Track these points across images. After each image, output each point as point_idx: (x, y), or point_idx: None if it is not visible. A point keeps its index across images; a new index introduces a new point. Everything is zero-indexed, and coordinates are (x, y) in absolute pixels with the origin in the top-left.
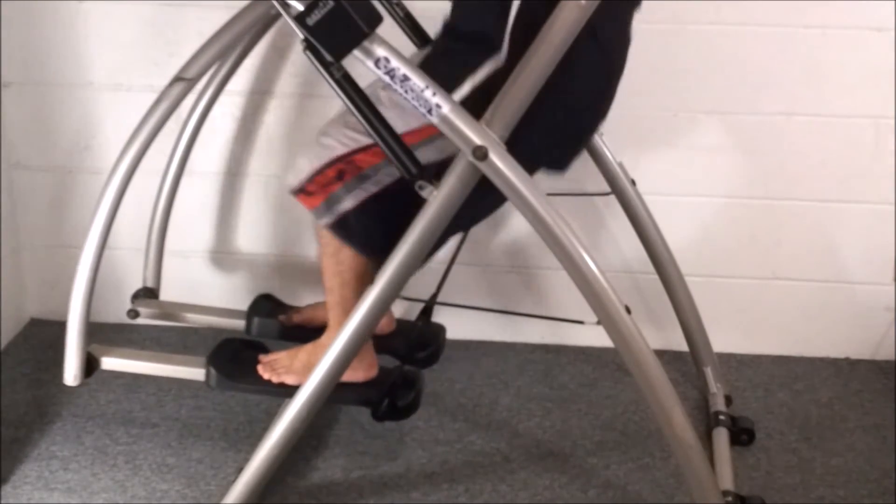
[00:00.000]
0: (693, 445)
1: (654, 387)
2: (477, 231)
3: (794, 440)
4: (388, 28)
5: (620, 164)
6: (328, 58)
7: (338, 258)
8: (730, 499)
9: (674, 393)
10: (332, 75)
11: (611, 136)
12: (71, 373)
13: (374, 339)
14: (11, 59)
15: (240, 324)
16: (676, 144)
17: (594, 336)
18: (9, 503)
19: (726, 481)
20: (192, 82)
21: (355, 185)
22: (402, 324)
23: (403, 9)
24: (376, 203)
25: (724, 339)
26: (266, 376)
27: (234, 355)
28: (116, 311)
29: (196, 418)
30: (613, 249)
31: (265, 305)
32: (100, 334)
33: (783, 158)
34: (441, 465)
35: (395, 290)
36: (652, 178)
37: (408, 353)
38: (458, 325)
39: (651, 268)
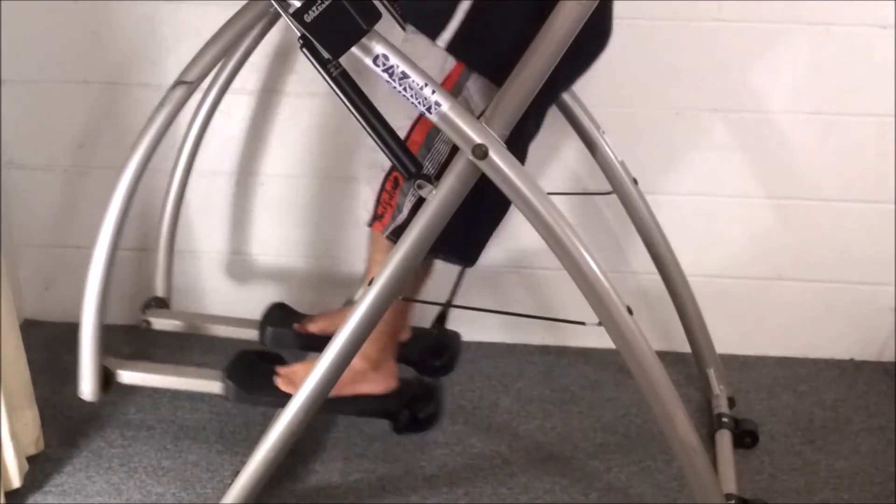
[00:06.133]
0: (696, 448)
1: (656, 389)
2: None
3: (798, 443)
4: (387, 28)
5: (622, 163)
6: (326, 55)
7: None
8: (733, 502)
9: (676, 395)
10: (329, 73)
11: (612, 134)
12: (87, 388)
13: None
14: (6, 57)
15: (253, 333)
16: (678, 143)
17: (595, 337)
18: None
19: (729, 484)
20: (194, 85)
21: (409, 187)
22: (416, 331)
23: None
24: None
25: (728, 340)
26: (285, 388)
27: (251, 367)
28: (118, 312)
29: (192, 421)
30: (615, 249)
31: (278, 314)
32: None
33: (787, 157)
34: (440, 468)
35: (393, 291)
36: (654, 177)
37: (423, 361)
38: (457, 327)
39: (653, 268)
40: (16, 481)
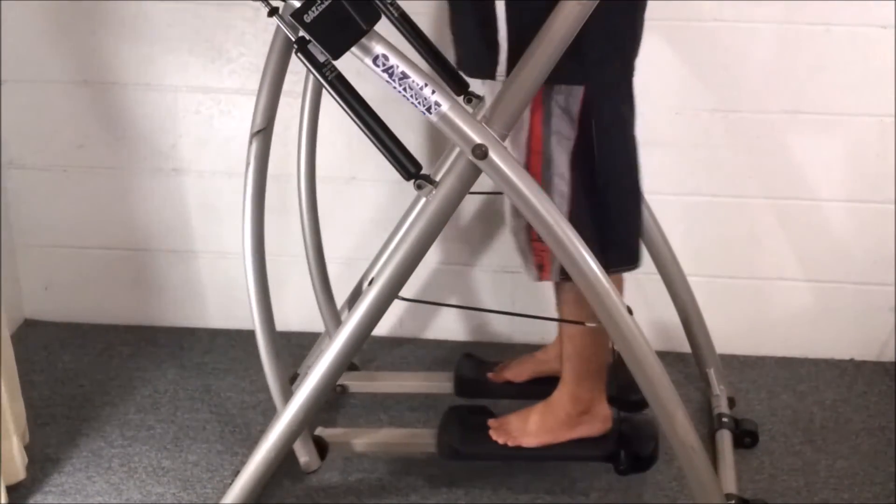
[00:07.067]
0: (696, 448)
1: (656, 389)
2: (476, 231)
3: (798, 443)
4: (385, 27)
5: None
6: (323, 57)
7: (580, 304)
8: (733, 502)
9: (676, 395)
10: (324, 76)
11: None
12: (305, 460)
13: None
14: (6, 57)
15: (447, 386)
16: (679, 143)
17: None
18: None
19: (729, 484)
20: (268, 130)
21: None
22: (610, 368)
23: (398, 8)
24: (574, 222)
25: (728, 340)
26: (501, 441)
27: (463, 423)
28: (119, 312)
29: (192, 420)
30: None
31: (469, 364)
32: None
33: (787, 157)
34: (440, 468)
35: (393, 291)
36: (654, 177)
37: (620, 397)
38: (458, 326)
39: (653, 268)
40: (21, 472)
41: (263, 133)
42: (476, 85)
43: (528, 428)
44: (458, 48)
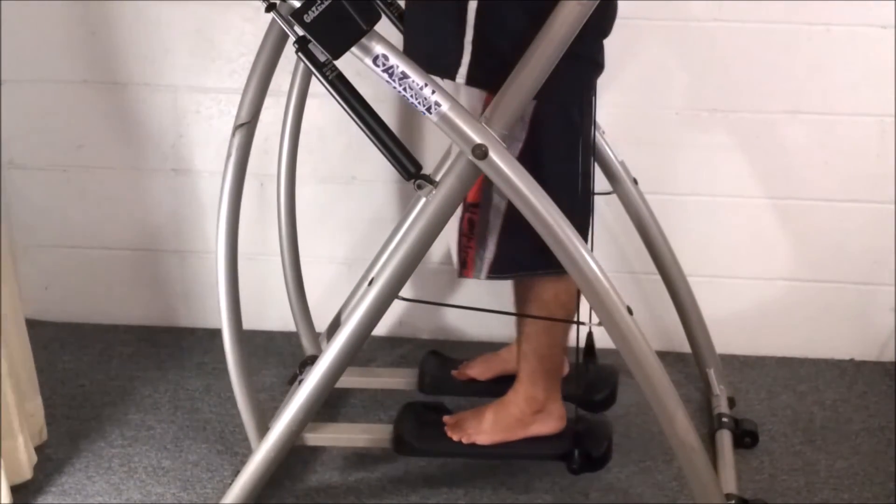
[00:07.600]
0: (696, 448)
1: (656, 389)
2: None
3: (798, 443)
4: (385, 27)
5: (622, 163)
6: (324, 56)
7: (538, 301)
8: (733, 502)
9: (676, 395)
10: (325, 76)
11: (613, 134)
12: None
13: None
14: (6, 57)
15: (412, 382)
16: (679, 143)
17: (596, 337)
18: None
19: (729, 484)
20: (252, 124)
21: (485, 222)
22: (574, 367)
23: (398, 9)
24: (512, 220)
25: (728, 340)
26: (455, 438)
27: (419, 419)
28: (119, 312)
29: (192, 420)
30: (615, 249)
31: (435, 362)
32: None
33: (787, 157)
34: (440, 469)
35: (393, 291)
36: (654, 177)
37: (584, 396)
38: (458, 326)
39: (653, 268)
40: (27, 472)
41: (247, 126)
42: None
43: (482, 426)
44: (417, 40)
